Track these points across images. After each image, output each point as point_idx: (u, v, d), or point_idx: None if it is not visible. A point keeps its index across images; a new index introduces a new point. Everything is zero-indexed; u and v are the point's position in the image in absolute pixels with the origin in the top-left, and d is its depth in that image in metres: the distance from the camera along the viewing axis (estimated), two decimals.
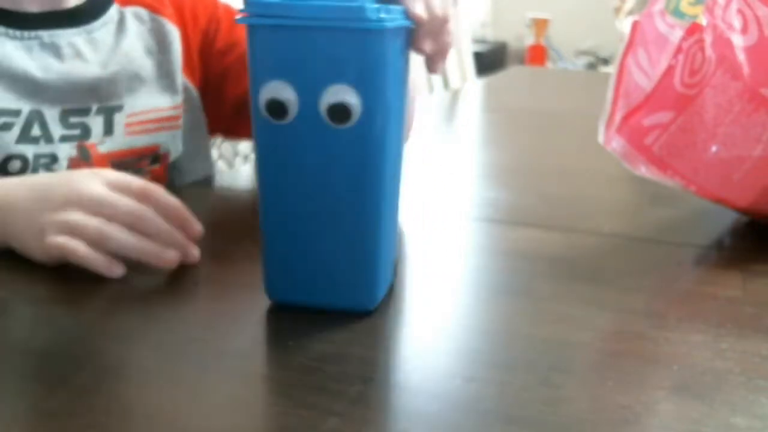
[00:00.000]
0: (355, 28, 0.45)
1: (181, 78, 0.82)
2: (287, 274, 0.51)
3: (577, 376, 0.46)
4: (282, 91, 0.47)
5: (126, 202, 0.57)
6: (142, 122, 0.78)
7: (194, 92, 0.84)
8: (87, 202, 0.56)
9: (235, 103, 0.84)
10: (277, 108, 0.47)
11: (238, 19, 0.47)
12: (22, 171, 0.71)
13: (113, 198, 0.57)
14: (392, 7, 0.47)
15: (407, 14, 0.49)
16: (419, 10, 0.49)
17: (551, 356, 0.47)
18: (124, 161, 0.77)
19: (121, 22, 0.79)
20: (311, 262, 0.50)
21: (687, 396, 0.43)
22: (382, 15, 0.46)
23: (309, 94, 0.46)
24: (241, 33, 0.84)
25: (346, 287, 0.50)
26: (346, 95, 0.46)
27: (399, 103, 0.50)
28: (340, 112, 0.46)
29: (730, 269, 0.62)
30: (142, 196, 0.57)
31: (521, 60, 3.93)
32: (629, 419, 0.40)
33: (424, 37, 0.51)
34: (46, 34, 0.74)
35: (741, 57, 0.62)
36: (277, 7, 0.46)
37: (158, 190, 0.58)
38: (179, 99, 0.81)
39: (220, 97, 0.85)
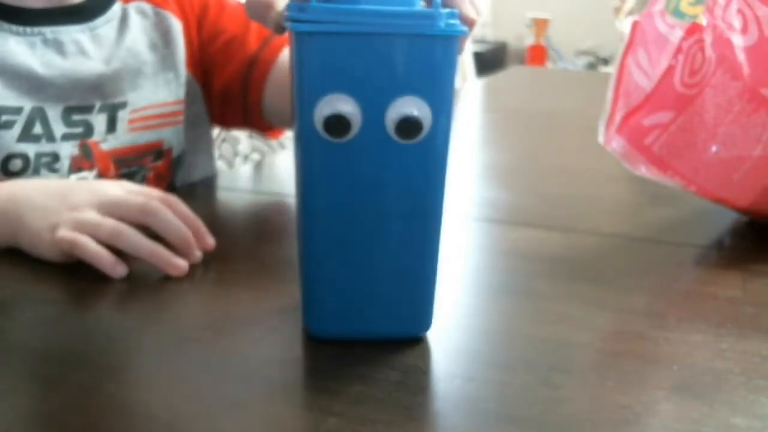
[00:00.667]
0: (428, 34, 0.42)
1: (184, 72, 0.82)
2: (336, 307, 0.47)
3: (577, 376, 0.46)
4: (343, 105, 0.42)
5: (142, 199, 0.58)
6: (145, 118, 0.78)
7: (196, 85, 0.84)
8: (105, 202, 0.58)
9: (221, 93, 0.84)
10: (339, 124, 0.42)
11: (290, 26, 0.42)
12: (24, 170, 0.71)
13: (130, 197, 0.58)
14: (451, 11, 0.44)
15: (461, 18, 0.44)
16: (473, 14, 0.47)
17: (551, 356, 0.47)
18: (127, 158, 0.77)
19: (123, 18, 0.78)
20: (364, 292, 0.46)
21: (687, 396, 0.43)
22: (451, 21, 0.43)
23: (374, 107, 0.43)
24: (228, 22, 0.85)
25: (403, 314, 0.47)
26: (416, 107, 0.43)
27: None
28: (410, 125, 0.42)
29: (730, 269, 0.62)
30: (160, 201, 0.58)
31: (521, 60, 3.93)
32: (629, 419, 0.40)
33: (466, 39, 0.48)
34: (48, 30, 0.73)
35: (741, 57, 0.62)
36: (336, 12, 0.42)
37: (177, 200, 0.60)
38: (182, 93, 0.81)
39: (208, 87, 0.85)
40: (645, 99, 0.64)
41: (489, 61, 3.50)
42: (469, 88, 1.85)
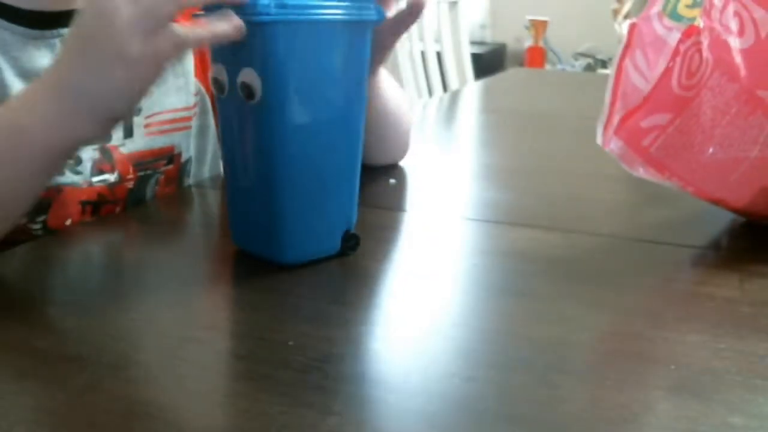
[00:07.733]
0: (252, 21, 0.54)
1: (193, 81, 0.82)
2: (237, 225, 0.62)
3: (575, 375, 0.46)
4: (220, 72, 0.57)
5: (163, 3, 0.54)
6: (159, 123, 0.79)
7: (206, 95, 0.85)
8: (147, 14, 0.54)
9: None
10: (216, 84, 0.58)
11: (198, 15, 0.56)
12: None
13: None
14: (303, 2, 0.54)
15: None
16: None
17: (550, 356, 0.47)
18: (144, 161, 0.78)
19: None
20: (247, 217, 0.60)
21: (684, 395, 0.43)
22: (275, 9, 0.53)
23: (233, 74, 0.56)
24: None
25: (268, 241, 0.59)
26: (251, 77, 0.55)
27: (311, 88, 0.56)
28: (246, 89, 0.55)
29: (728, 270, 0.62)
30: None
31: (520, 62, 3.93)
32: (627, 419, 0.41)
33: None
34: (66, 32, 0.73)
35: (738, 59, 0.63)
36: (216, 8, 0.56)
37: None
38: (192, 101, 0.82)
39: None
40: (643, 101, 0.64)
41: (488, 63, 3.50)
42: (468, 89, 1.85)
